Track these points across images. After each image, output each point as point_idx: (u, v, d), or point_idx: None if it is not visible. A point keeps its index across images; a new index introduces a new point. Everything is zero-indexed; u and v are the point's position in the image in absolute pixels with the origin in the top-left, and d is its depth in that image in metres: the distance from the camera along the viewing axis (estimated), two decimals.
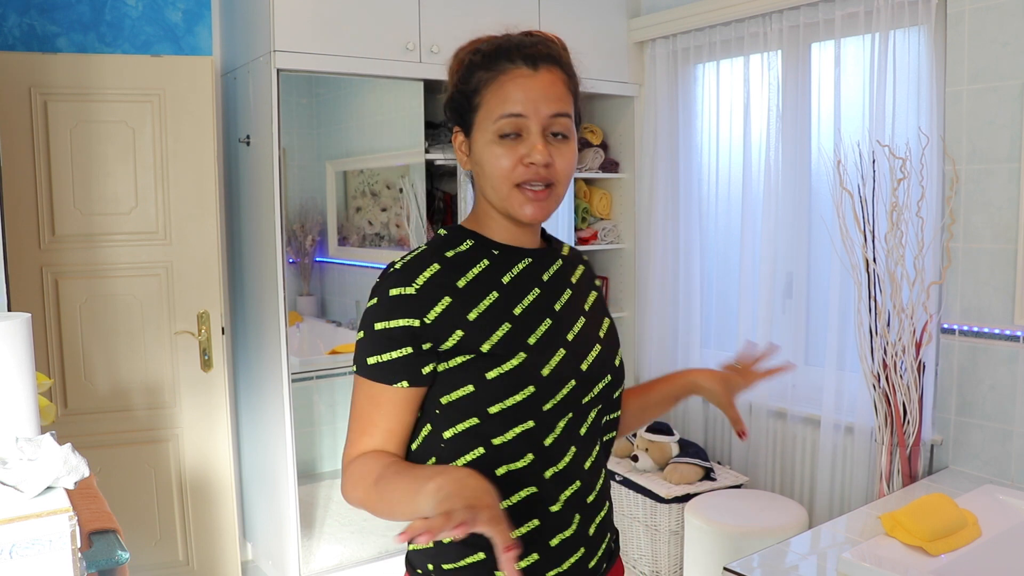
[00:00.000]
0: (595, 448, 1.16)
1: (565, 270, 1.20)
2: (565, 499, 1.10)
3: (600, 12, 3.31)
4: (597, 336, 1.18)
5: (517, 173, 1.06)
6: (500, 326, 1.07)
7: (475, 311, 1.07)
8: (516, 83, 1.06)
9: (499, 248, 1.14)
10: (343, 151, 3.45)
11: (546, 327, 1.11)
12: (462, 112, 1.12)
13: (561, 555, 1.10)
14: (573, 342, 1.13)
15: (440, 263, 1.09)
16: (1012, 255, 2.34)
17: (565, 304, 1.16)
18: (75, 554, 1.08)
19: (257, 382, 3.01)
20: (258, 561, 3.24)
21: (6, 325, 1.21)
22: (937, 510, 1.92)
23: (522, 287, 1.12)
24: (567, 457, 1.10)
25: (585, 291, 1.22)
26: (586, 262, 1.29)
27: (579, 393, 1.11)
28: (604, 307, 1.26)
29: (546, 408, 1.07)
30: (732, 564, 1.85)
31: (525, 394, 1.05)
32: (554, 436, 1.08)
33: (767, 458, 3.03)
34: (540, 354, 1.08)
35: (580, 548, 1.11)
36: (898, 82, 2.54)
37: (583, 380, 1.12)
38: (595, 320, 1.20)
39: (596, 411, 1.15)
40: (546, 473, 1.08)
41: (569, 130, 1.09)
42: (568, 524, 1.10)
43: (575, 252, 1.27)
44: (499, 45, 1.10)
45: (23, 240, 2.67)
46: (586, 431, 1.13)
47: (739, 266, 3.13)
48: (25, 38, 2.74)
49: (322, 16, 2.71)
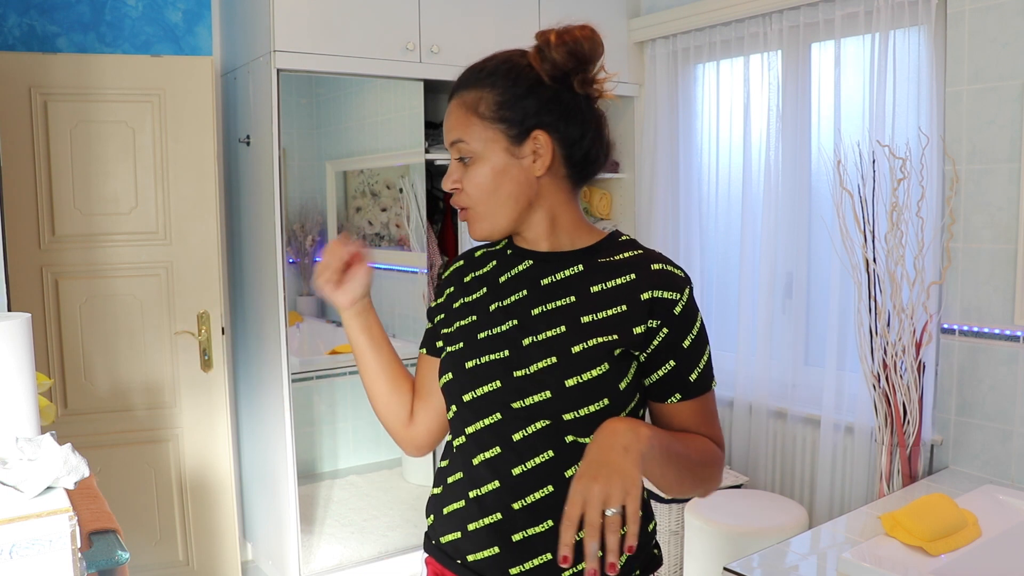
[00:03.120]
0: (535, 459, 1.10)
1: (583, 276, 1.14)
2: (485, 492, 1.14)
3: (600, 12, 3.31)
4: (565, 350, 1.09)
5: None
6: (467, 317, 1.19)
7: (460, 301, 1.22)
8: (449, 115, 1.17)
9: (513, 249, 1.21)
10: (343, 151, 3.44)
11: (506, 327, 1.14)
12: None
13: (478, 542, 1.14)
14: (528, 347, 1.11)
15: (466, 259, 1.27)
16: (1012, 255, 2.34)
17: (550, 311, 1.12)
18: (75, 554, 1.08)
19: (257, 382, 3.01)
20: (258, 561, 3.24)
21: (6, 325, 1.21)
22: (937, 510, 1.92)
23: (511, 287, 1.18)
24: (488, 453, 1.14)
25: (604, 302, 1.11)
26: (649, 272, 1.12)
27: (506, 396, 1.11)
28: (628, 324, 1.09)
29: (465, 399, 1.15)
30: (732, 564, 1.85)
31: (446, 379, 1.18)
32: (475, 428, 1.15)
33: (767, 458, 3.03)
34: (478, 348, 1.15)
35: (494, 547, 1.12)
36: (898, 82, 2.54)
37: (513, 386, 1.10)
38: (585, 334, 1.09)
39: (542, 423, 1.09)
40: (473, 460, 1.15)
41: (470, 152, 1.13)
42: (484, 515, 1.13)
43: (638, 259, 1.14)
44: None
45: (23, 240, 2.67)
46: (522, 438, 1.10)
47: (739, 266, 3.13)
48: (25, 38, 2.74)
49: (322, 16, 2.71)
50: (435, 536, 1.22)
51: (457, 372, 1.16)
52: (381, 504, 3.27)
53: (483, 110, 1.12)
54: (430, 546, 1.23)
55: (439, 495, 1.22)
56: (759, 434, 3.04)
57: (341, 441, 3.40)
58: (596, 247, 1.16)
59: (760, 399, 3.03)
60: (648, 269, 1.12)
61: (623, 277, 1.12)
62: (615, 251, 1.16)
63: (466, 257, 1.28)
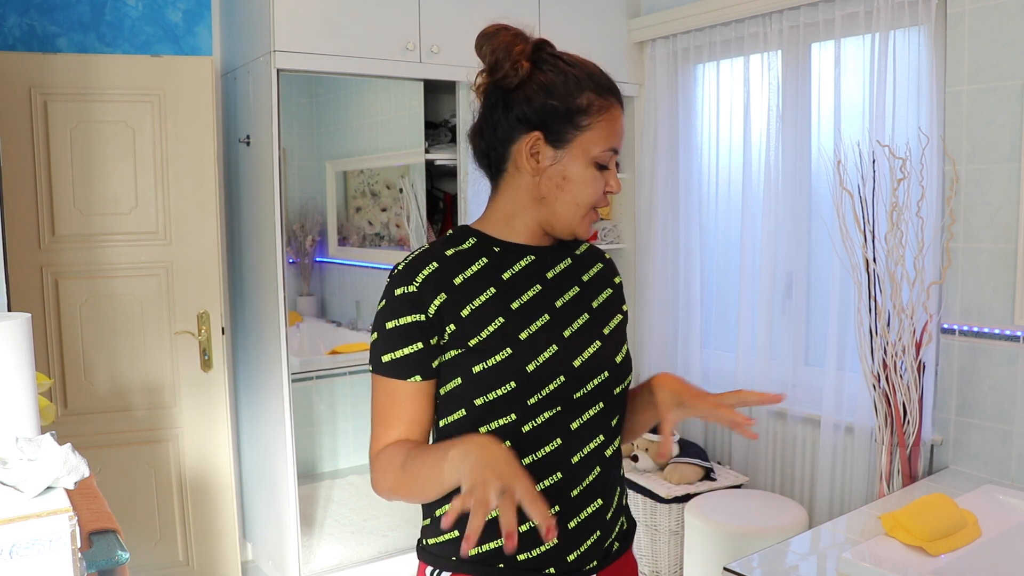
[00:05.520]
0: (591, 444, 1.16)
1: (575, 268, 1.24)
2: (543, 488, 1.13)
3: (600, 12, 3.31)
4: (600, 333, 1.20)
5: (600, 199, 1.16)
6: (493, 321, 1.12)
7: (469, 307, 1.12)
8: (619, 122, 1.16)
9: (500, 245, 1.18)
10: (343, 151, 3.45)
11: (542, 323, 1.15)
12: (558, 122, 1.12)
13: (531, 540, 1.12)
14: (569, 338, 1.16)
15: (439, 261, 1.14)
16: (1012, 255, 2.34)
17: (568, 301, 1.20)
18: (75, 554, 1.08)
19: (257, 382, 3.01)
20: (258, 561, 3.24)
21: (6, 325, 1.21)
22: (937, 510, 1.92)
23: (522, 283, 1.17)
24: (548, 447, 1.13)
25: (597, 288, 1.25)
26: (606, 260, 1.32)
27: (569, 388, 1.14)
28: (618, 304, 1.28)
29: (530, 403, 1.11)
30: (732, 564, 1.85)
31: (507, 389, 1.10)
32: (533, 425, 1.12)
33: (767, 458, 3.03)
34: (529, 349, 1.12)
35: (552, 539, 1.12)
36: (898, 82, 2.54)
37: (574, 376, 1.14)
38: (602, 317, 1.23)
39: (597, 408, 1.17)
40: (524, 460, 1.12)
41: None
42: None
43: (594, 250, 1.31)
44: (603, 75, 1.16)
45: (23, 240, 2.67)
46: (579, 426, 1.15)
47: (739, 266, 3.12)
48: (25, 38, 2.74)
49: (322, 16, 2.71)
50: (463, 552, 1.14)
51: (519, 379, 1.10)
52: (381, 504, 3.27)
53: None
54: (452, 563, 1.17)
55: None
56: (759, 434, 3.04)
57: (341, 441, 3.41)
58: (565, 242, 1.25)
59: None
60: (604, 258, 1.32)
61: (596, 266, 1.28)
62: (575, 245, 1.27)
63: (435, 258, 1.14)
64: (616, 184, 1.16)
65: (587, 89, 1.12)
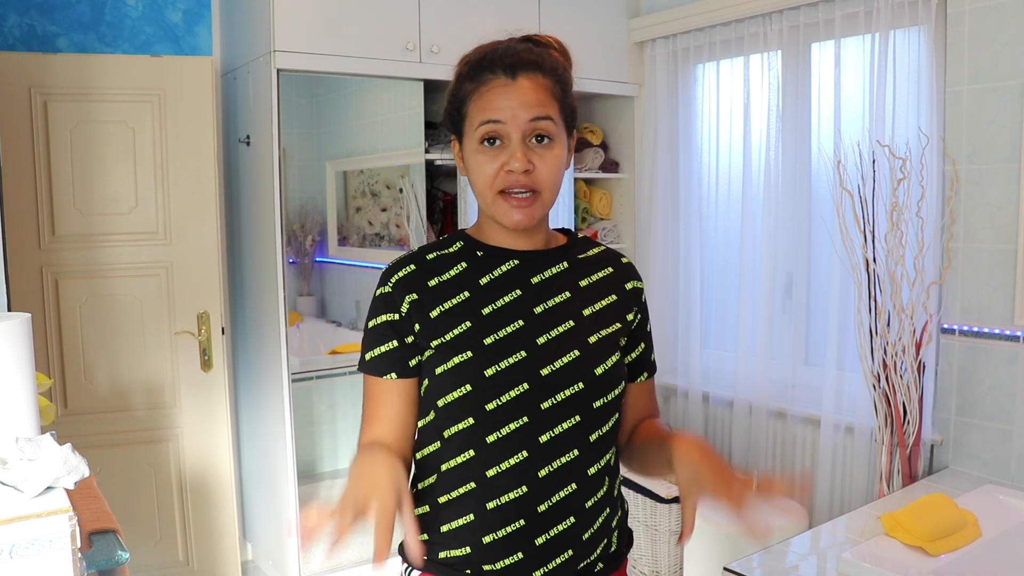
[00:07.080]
0: (562, 459, 1.11)
1: (572, 272, 1.19)
2: (507, 500, 1.10)
3: (600, 12, 3.31)
4: (582, 342, 1.13)
5: (499, 180, 1.09)
6: (460, 324, 1.12)
7: (438, 308, 1.13)
8: (495, 92, 1.09)
9: (484, 249, 1.17)
10: (343, 151, 3.44)
11: (513, 328, 1.12)
12: (455, 121, 1.16)
13: (493, 554, 1.11)
14: (543, 346, 1.12)
15: (417, 264, 1.16)
16: (1012, 255, 2.34)
17: (552, 307, 1.15)
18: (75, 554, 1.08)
19: (257, 382, 3.01)
20: (258, 561, 3.24)
21: (6, 325, 1.21)
22: (937, 510, 1.92)
23: (500, 288, 1.14)
24: (513, 459, 1.09)
25: (595, 294, 1.18)
26: (621, 265, 1.24)
27: (534, 398, 1.10)
28: (622, 312, 1.20)
29: (488, 408, 1.09)
30: (732, 564, 1.85)
31: (463, 391, 1.09)
32: (498, 435, 1.10)
33: (767, 458, 3.03)
34: (491, 354, 1.10)
35: (517, 553, 1.10)
36: (898, 82, 2.54)
37: (541, 385, 1.10)
38: (592, 325, 1.16)
39: (571, 421, 1.11)
40: (488, 471, 1.10)
41: (552, 133, 1.10)
42: (505, 524, 1.10)
43: (609, 254, 1.25)
44: (484, 55, 1.13)
45: (23, 240, 2.67)
46: (549, 439, 1.10)
47: (739, 266, 3.12)
48: (25, 38, 2.74)
49: (322, 16, 2.71)
50: (431, 554, 1.15)
51: (476, 382, 1.09)
52: None
53: (557, 95, 1.13)
54: (425, 562, 1.16)
55: (429, 514, 1.15)
56: (759, 434, 3.04)
57: (341, 441, 3.40)
58: (569, 245, 1.22)
59: (760, 399, 3.03)
60: (620, 262, 1.25)
61: (603, 271, 1.22)
62: (585, 248, 1.24)
63: (415, 261, 1.16)
64: (511, 158, 1.07)
65: (465, 79, 1.13)
